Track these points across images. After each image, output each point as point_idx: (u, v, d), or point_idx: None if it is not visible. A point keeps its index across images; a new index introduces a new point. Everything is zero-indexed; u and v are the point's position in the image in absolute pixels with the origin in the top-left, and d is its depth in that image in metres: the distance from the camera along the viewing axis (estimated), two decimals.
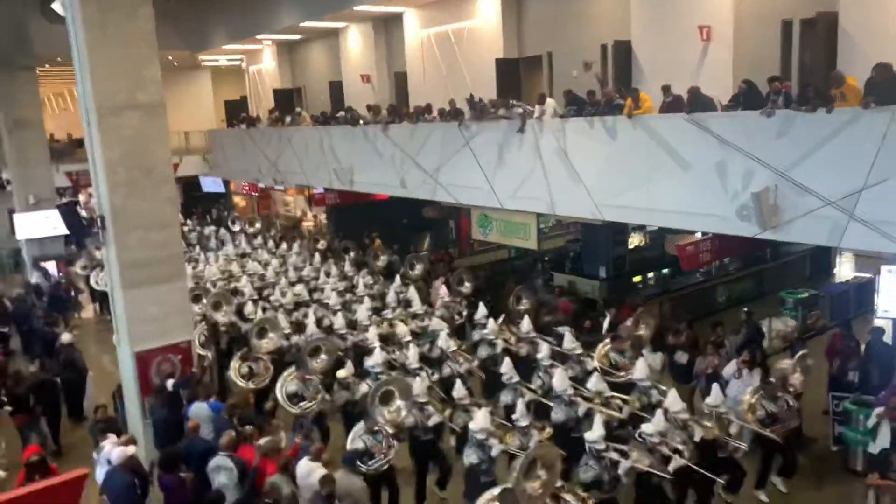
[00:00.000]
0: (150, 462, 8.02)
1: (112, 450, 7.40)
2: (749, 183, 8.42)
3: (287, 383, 9.38)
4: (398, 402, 7.93)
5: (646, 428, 7.00)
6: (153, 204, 9.28)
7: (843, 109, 7.64)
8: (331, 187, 17.90)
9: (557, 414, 8.12)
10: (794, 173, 8.03)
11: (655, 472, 6.71)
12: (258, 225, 21.54)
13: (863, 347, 9.79)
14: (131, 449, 7.29)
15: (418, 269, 15.38)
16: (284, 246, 17.82)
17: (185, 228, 21.44)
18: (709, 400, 7.64)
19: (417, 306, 11.98)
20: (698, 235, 13.84)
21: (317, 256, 16.45)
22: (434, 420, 8.19)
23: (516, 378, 8.68)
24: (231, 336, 12.20)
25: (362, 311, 11.67)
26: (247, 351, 10.51)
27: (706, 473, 6.87)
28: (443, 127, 13.09)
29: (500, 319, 11.12)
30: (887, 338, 10.05)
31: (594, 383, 8.31)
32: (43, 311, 14.74)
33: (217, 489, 6.94)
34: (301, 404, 9.16)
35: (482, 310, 11.06)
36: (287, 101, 23.78)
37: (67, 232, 18.03)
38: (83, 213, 24.36)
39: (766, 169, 8.28)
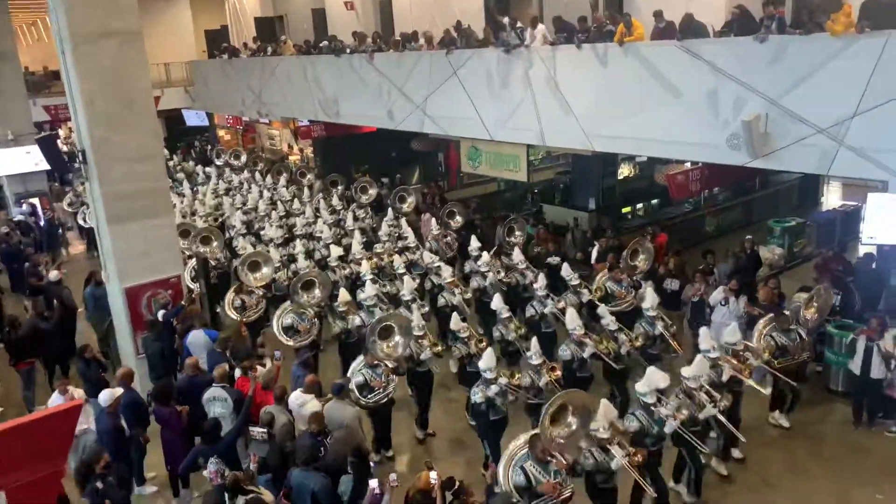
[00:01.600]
0: (146, 395, 8.15)
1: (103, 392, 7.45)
2: (740, 111, 8.33)
3: (283, 316, 9.43)
4: (397, 338, 7.88)
5: (685, 371, 6.84)
6: (136, 136, 9.11)
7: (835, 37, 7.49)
8: (316, 119, 17.59)
9: (564, 352, 8.00)
10: (786, 101, 7.95)
11: (696, 442, 6.66)
12: (243, 158, 21.24)
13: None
14: (118, 391, 7.33)
15: (409, 202, 15.20)
16: (270, 179, 17.65)
17: (170, 163, 21.14)
18: (727, 337, 7.52)
19: (411, 240, 11.94)
20: (688, 165, 13.81)
21: (305, 191, 16.32)
22: (426, 355, 8.26)
23: (506, 314, 8.65)
24: (221, 271, 12.22)
25: (355, 244, 11.62)
26: (240, 285, 10.51)
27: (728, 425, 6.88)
28: (430, 56, 12.78)
29: (493, 251, 11.18)
30: (874, 265, 10.18)
31: (603, 313, 8.37)
32: (30, 248, 14.64)
33: (213, 418, 7.08)
34: (295, 337, 9.26)
35: (475, 242, 11.03)
36: (269, 29, 23.09)
37: (49, 167, 17.68)
38: (64, 147, 23.94)
39: (758, 97, 8.19)
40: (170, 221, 9.98)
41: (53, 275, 11.78)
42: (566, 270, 9.62)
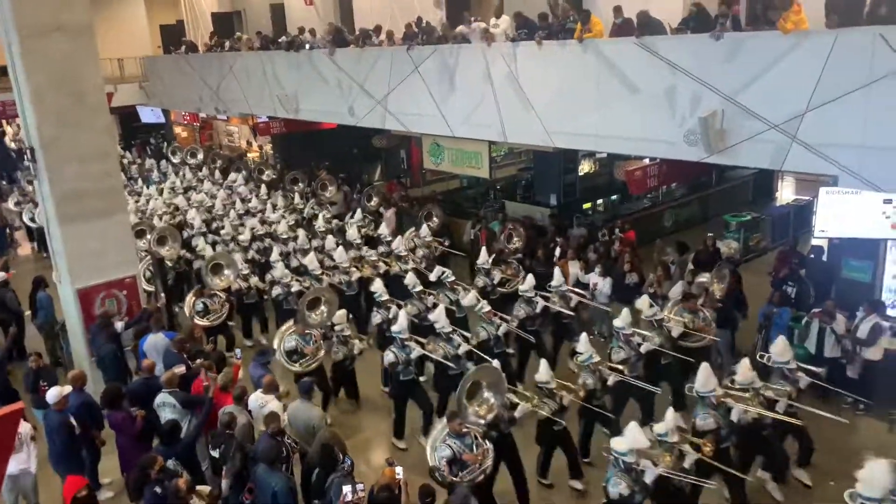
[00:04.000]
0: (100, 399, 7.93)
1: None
2: (697, 108, 8.46)
3: (285, 339, 8.67)
4: (486, 394, 6.91)
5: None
6: (88, 133, 8.87)
7: (788, 34, 7.66)
8: (275, 116, 17.34)
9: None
10: (741, 97, 8.10)
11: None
12: (200, 156, 20.86)
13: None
14: (66, 389, 7.13)
15: (374, 200, 15.16)
16: (231, 177, 17.38)
17: (125, 161, 20.64)
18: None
19: (398, 245, 11.54)
20: (646, 161, 14.00)
21: (263, 188, 16.04)
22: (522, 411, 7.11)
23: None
24: (178, 272, 11.94)
25: (340, 252, 11.18)
26: (201, 288, 10.20)
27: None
28: (391, 51, 12.70)
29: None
30: (824, 257, 10.48)
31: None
32: None
33: (171, 419, 6.93)
34: (301, 361, 8.54)
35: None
36: (227, 25, 22.69)
37: None
38: (11, 144, 23.17)
39: (714, 93, 8.32)
40: (124, 220, 9.74)
41: None
42: (557, 278, 9.48)
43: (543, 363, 7.24)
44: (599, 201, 15.55)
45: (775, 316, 9.09)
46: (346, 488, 5.51)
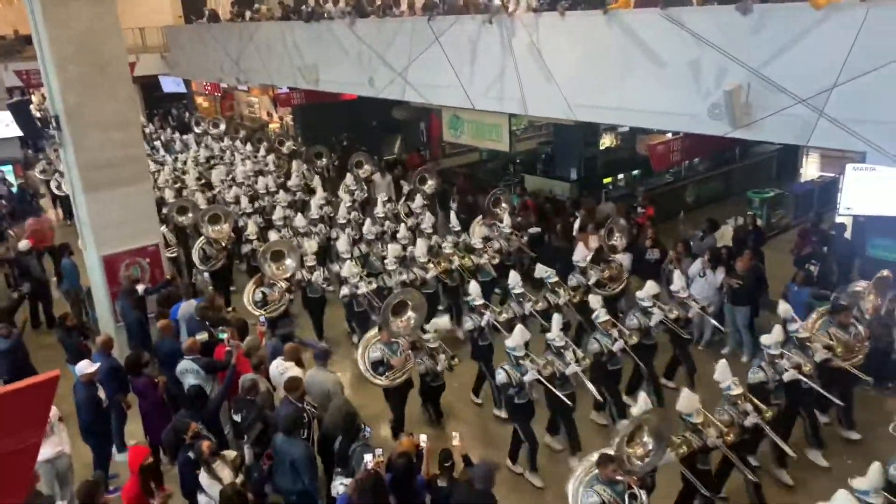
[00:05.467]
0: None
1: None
2: (722, 81, 8.31)
3: (370, 349, 7.77)
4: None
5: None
6: (111, 102, 8.95)
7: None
8: (296, 86, 17.33)
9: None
10: (767, 70, 7.94)
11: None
12: (222, 126, 20.93)
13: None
14: (93, 366, 7.21)
15: (430, 184, 13.62)
16: (251, 147, 17.37)
17: (147, 131, 20.77)
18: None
19: (476, 239, 10.48)
20: (669, 136, 13.83)
21: (294, 164, 15.28)
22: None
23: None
24: (229, 253, 11.37)
25: (421, 245, 9.94)
26: (260, 276, 9.44)
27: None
28: (411, 22, 12.59)
29: (478, 219, 11.21)
30: (847, 235, 10.34)
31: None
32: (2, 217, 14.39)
33: (195, 385, 7.08)
34: (387, 374, 7.60)
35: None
36: None
37: (21, 133, 17.27)
38: (37, 113, 23.36)
39: (740, 66, 8.17)
40: (147, 189, 9.86)
41: (23, 244, 11.50)
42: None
43: (686, 393, 6.22)
44: (620, 176, 15.42)
45: (793, 293, 8.97)
46: (367, 456, 5.61)
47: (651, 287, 8.08)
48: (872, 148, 7.37)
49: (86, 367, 7.15)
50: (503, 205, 11.71)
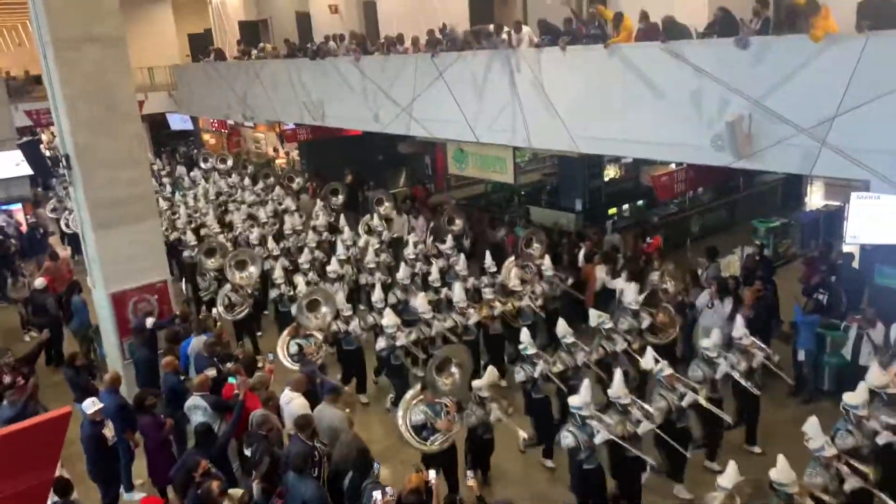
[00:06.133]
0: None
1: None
2: (724, 112, 8.39)
3: (412, 411, 7.05)
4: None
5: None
6: (120, 141, 9.07)
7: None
8: (302, 122, 17.53)
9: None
10: (769, 101, 8.03)
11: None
12: (230, 162, 21.13)
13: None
14: (99, 404, 7.21)
15: (458, 223, 12.92)
16: (261, 184, 17.33)
17: (155, 168, 20.99)
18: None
19: (514, 281, 9.96)
20: (673, 166, 13.90)
21: (318, 203, 14.78)
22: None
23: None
24: (256, 297, 11.00)
25: (458, 290, 9.30)
26: (296, 327, 8.98)
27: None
28: (415, 58, 12.79)
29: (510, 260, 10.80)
30: (855, 264, 10.32)
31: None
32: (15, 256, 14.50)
33: (203, 422, 7.04)
34: (433, 438, 6.88)
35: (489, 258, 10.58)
36: (253, 33, 23.00)
37: (32, 172, 17.48)
38: (47, 152, 23.68)
39: (741, 97, 8.26)
40: (155, 226, 9.94)
41: (39, 282, 11.62)
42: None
43: (783, 462, 5.45)
44: (625, 206, 15.47)
45: (800, 321, 8.93)
46: (377, 493, 5.56)
47: (716, 335, 7.53)
48: (875, 176, 7.40)
49: (91, 404, 7.15)
50: (535, 244, 11.24)
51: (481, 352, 9.79)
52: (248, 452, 6.73)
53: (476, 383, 7.14)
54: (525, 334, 7.85)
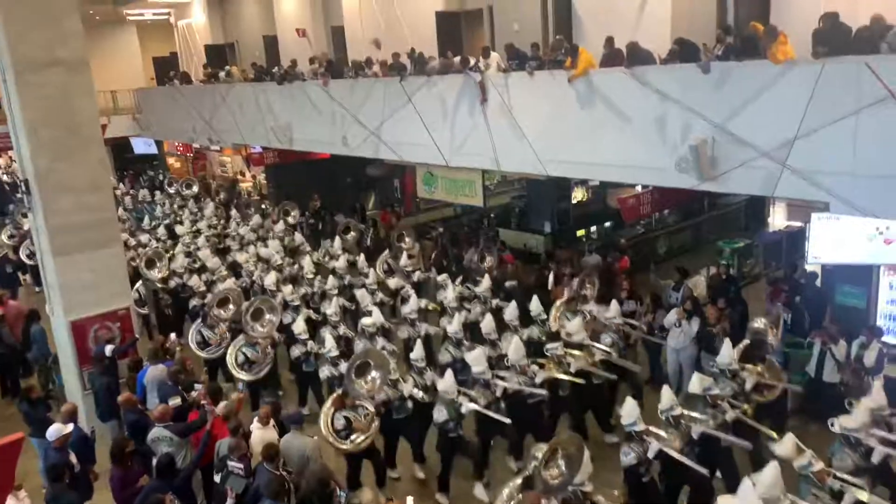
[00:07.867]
0: (90, 430, 7.85)
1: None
2: (687, 135, 8.55)
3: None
4: None
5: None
6: (82, 165, 8.90)
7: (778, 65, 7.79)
8: (269, 146, 17.42)
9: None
10: (731, 125, 8.20)
11: None
12: (195, 188, 20.83)
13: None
14: (68, 428, 7.00)
15: (488, 259, 11.93)
16: (258, 219, 15.82)
17: (118, 192, 20.58)
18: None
19: (580, 334, 8.48)
20: (639, 188, 14.10)
21: (337, 241, 13.32)
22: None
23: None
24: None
25: (517, 348, 7.86)
26: (341, 397, 7.54)
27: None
28: (384, 82, 12.83)
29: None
30: (818, 283, 10.53)
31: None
32: None
33: (165, 453, 6.82)
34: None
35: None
36: (219, 57, 22.88)
37: None
38: (5, 178, 23.12)
39: (704, 121, 8.43)
40: (118, 252, 9.71)
41: None
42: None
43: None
44: (593, 228, 15.63)
45: None
46: None
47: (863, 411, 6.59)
48: (834, 198, 7.58)
49: (57, 431, 6.90)
50: (587, 285, 9.72)
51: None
52: (217, 479, 6.55)
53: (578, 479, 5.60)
54: (630, 405, 6.51)
